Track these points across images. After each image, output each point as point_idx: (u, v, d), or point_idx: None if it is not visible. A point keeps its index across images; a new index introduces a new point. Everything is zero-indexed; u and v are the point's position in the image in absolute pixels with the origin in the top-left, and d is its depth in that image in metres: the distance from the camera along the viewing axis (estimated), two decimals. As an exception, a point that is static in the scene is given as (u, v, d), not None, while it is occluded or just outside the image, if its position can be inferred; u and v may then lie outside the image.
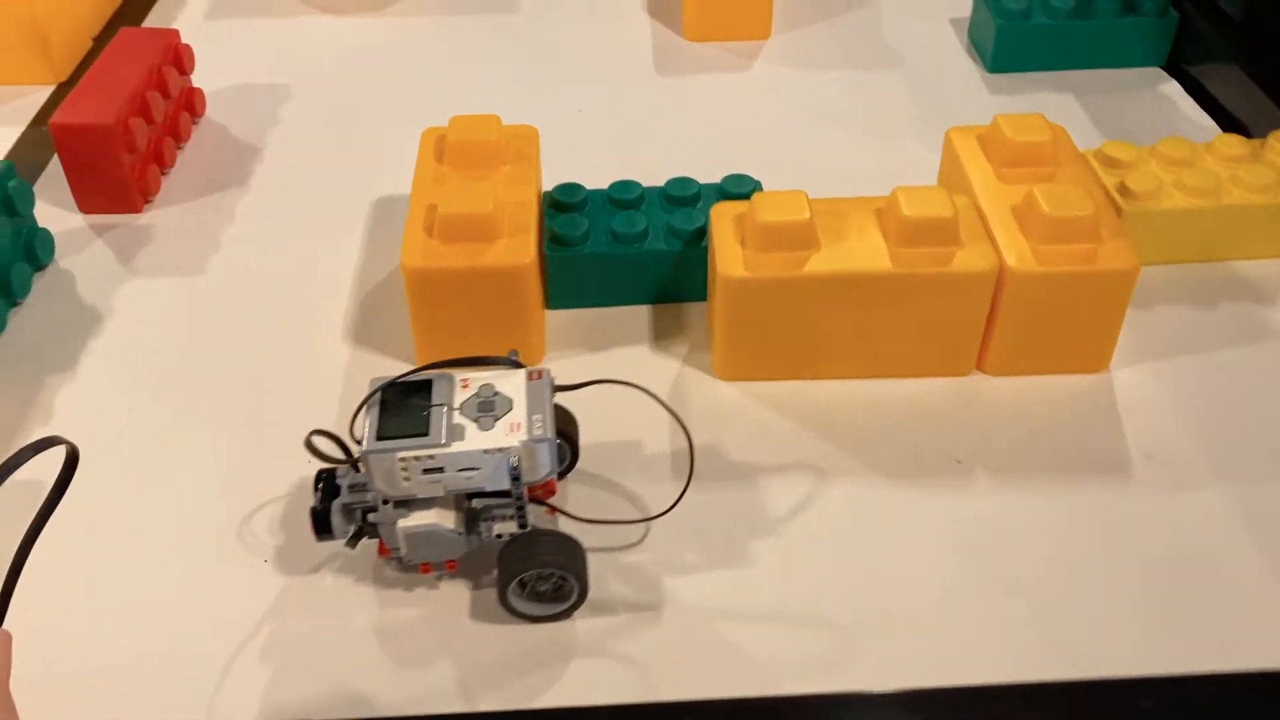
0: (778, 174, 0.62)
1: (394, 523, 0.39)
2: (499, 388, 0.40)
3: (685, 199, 0.56)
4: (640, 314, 0.55)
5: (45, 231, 0.57)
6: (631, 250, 0.53)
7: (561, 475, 0.45)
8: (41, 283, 0.57)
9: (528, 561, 0.39)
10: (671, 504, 0.43)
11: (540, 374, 0.40)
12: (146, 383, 0.51)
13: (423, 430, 0.38)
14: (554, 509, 0.43)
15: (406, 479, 0.38)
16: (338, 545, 0.41)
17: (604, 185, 0.57)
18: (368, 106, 0.70)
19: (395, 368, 0.51)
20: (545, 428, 0.39)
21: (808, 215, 0.48)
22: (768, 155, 0.65)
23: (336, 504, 0.40)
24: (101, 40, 0.75)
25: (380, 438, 0.38)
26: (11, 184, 0.54)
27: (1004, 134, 0.53)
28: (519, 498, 0.39)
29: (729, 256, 0.48)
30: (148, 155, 0.61)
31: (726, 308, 0.49)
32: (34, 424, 0.49)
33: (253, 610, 0.42)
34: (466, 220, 0.48)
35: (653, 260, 0.54)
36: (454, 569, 0.42)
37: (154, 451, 0.48)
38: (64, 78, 0.72)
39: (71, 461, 0.31)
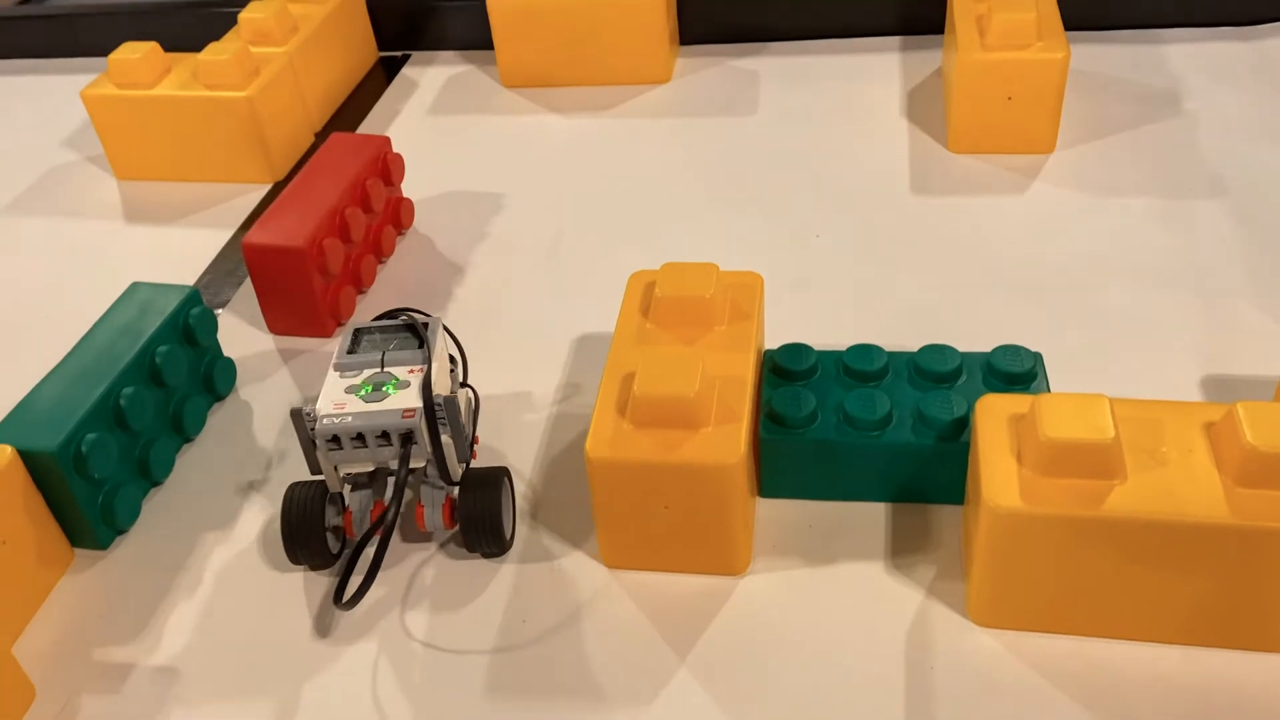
0: (1065, 343, 0.50)
1: None
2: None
3: (942, 375, 0.45)
4: (876, 515, 0.44)
5: (227, 362, 0.53)
6: (869, 440, 0.43)
7: None
8: (217, 416, 0.52)
9: None
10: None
11: None
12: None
13: None
14: None
15: None
16: None
17: (839, 338, 0.47)
18: (579, 224, 0.63)
19: (573, 562, 0.44)
20: None
21: (1113, 434, 0.36)
22: (1050, 311, 0.53)
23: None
24: (323, 136, 0.73)
25: None
26: (194, 312, 0.50)
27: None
28: None
29: (999, 476, 0.37)
30: (343, 277, 0.57)
31: (993, 543, 0.38)
32: (179, 595, 0.44)
33: None
34: (666, 404, 0.40)
35: (896, 454, 0.43)
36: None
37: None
38: (280, 177, 0.69)
39: None
